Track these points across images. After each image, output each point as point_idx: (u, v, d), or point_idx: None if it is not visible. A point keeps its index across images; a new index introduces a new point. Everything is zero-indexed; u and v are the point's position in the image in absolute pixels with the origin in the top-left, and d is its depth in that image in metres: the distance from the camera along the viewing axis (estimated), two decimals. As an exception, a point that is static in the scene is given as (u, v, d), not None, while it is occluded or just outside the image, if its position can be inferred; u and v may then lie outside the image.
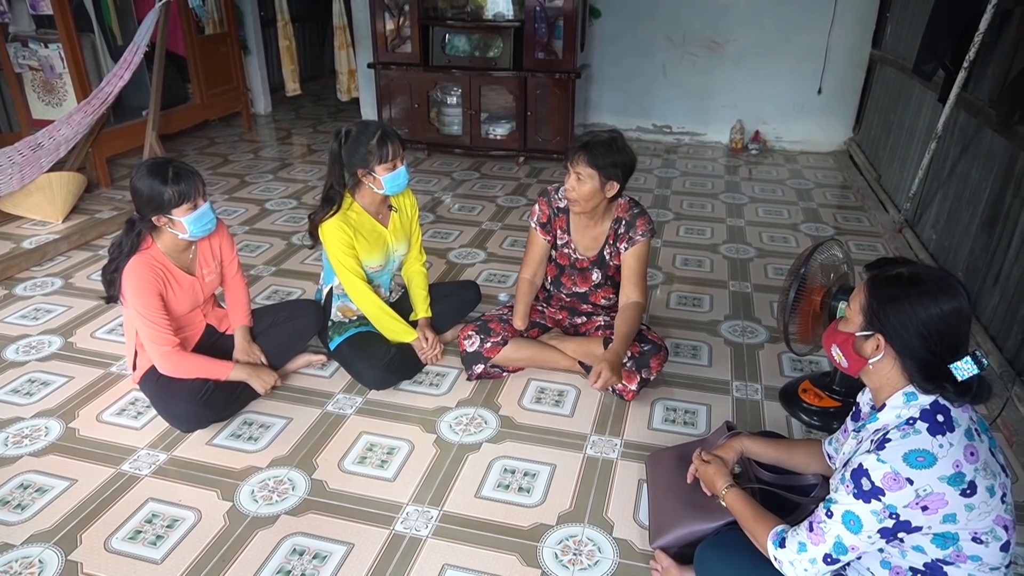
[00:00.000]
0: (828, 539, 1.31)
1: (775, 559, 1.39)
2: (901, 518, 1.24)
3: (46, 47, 4.39)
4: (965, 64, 3.14)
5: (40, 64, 4.45)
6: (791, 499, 1.66)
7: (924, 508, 1.23)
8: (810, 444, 1.74)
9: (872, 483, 1.24)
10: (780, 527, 1.43)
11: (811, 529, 1.34)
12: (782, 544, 1.39)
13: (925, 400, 1.30)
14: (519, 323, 2.53)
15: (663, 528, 1.77)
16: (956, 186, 3.34)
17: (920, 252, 3.58)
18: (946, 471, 1.22)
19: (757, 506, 1.53)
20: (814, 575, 1.35)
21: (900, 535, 1.28)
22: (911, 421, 1.28)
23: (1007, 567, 1.31)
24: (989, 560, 1.27)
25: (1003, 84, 2.83)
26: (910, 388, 1.32)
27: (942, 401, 1.29)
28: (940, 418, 1.27)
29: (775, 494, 1.67)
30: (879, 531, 1.27)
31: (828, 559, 1.32)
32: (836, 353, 1.43)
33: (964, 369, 1.25)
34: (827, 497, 1.35)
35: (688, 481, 1.78)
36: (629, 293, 2.43)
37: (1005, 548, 1.28)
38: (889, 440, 1.26)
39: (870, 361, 1.35)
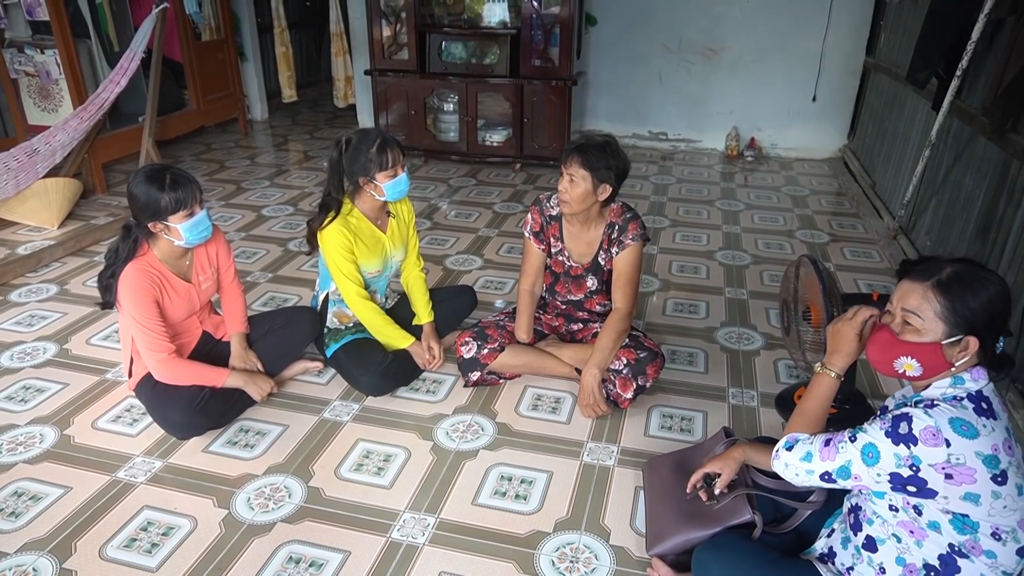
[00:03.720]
0: (839, 459, 1.33)
1: (776, 453, 1.43)
2: (920, 474, 1.24)
3: (42, 53, 4.38)
4: (958, 72, 3.16)
5: (36, 70, 4.45)
6: (788, 504, 1.67)
7: (948, 476, 1.23)
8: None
9: (910, 429, 1.25)
10: (799, 436, 1.44)
11: (826, 444, 1.36)
12: (790, 447, 1.42)
13: (972, 386, 1.31)
14: (523, 336, 2.54)
15: (660, 535, 1.77)
16: (950, 193, 3.36)
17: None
18: (984, 449, 1.23)
19: (825, 405, 1.51)
20: (802, 483, 1.39)
21: (911, 489, 1.27)
22: (958, 398, 1.30)
23: (1021, 573, 1.31)
24: (1003, 561, 1.28)
25: (996, 92, 2.85)
26: (960, 374, 1.33)
27: (985, 392, 1.31)
28: (984, 405, 1.29)
29: (772, 500, 1.68)
30: (891, 474, 1.27)
31: (826, 476, 1.34)
32: (909, 364, 1.34)
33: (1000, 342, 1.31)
34: (855, 427, 1.36)
35: (688, 491, 1.77)
36: (615, 299, 2.44)
37: (1021, 553, 1.29)
38: (938, 405, 1.28)
39: (957, 363, 1.31)
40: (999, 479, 1.23)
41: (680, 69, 5.74)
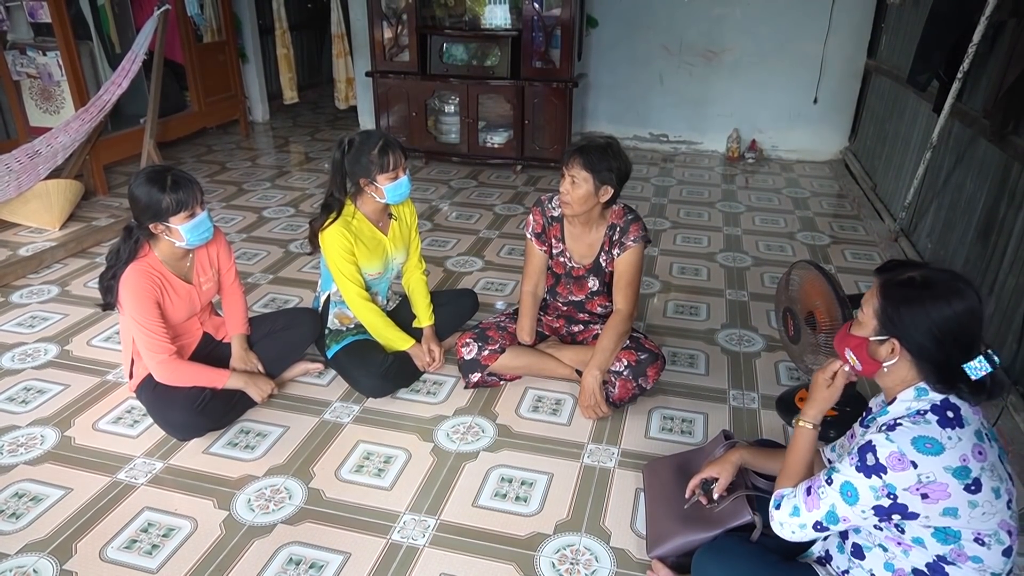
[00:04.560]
0: (823, 505, 1.33)
1: (770, 515, 1.43)
2: (899, 500, 1.25)
3: (44, 55, 4.39)
4: (959, 75, 3.16)
5: (38, 71, 4.46)
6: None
7: (924, 496, 1.23)
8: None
9: (876, 459, 1.25)
10: (785, 491, 1.44)
11: (808, 493, 1.37)
12: (778, 506, 1.42)
13: (936, 396, 1.31)
14: (526, 337, 2.54)
15: (661, 537, 1.77)
16: (951, 196, 3.35)
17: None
18: (952, 462, 1.23)
19: (806, 460, 1.49)
20: (800, 538, 1.38)
21: (896, 518, 1.28)
22: (922, 412, 1.29)
23: (1008, 574, 1.31)
24: (990, 564, 1.28)
25: (997, 94, 2.85)
26: (922, 384, 1.33)
27: (953, 399, 1.30)
28: (950, 414, 1.28)
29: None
30: (874, 508, 1.28)
31: (818, 526, 1.34)
32: (850, 357, 1.43)
33: (977, 368, 1.26)
34: (829, 467, 1.36)
35: (686, 496, 1.77)
36: (616, 301, 2.45)
37: (1007, 553, 1.29)
38: (900, 425, 1.28)
39: (885, 365, 1.35)
40: (972, 488, 1.23)
41: (681, 71, 5.75)
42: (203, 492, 2.07)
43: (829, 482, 1.33)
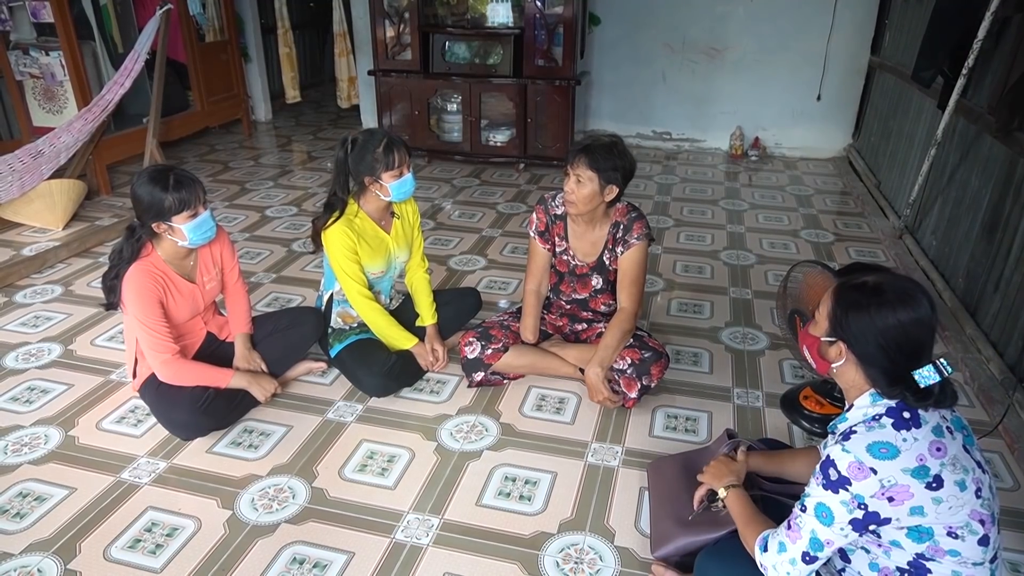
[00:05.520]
0: (804, 534, 1.33)
1: (761, 565, 1.41)
2: (869, 509, 1.26)
3: (47, 55, 4.40)
4: (964, 71, 3.15)
5: (41, 72, 4.46)
6: (792, 506, 1.66)
7: (890, 499, 1.24)
8: (810, 453, 1.74)
9: (839, 473, 1.26)
10: (767, 532, 1.44)
11: (789, 527, 1.37)
12: (765, 548, 1.41)
13: (890, 400, 1.32)
14: (530, 336, 2.54)
15: (664, 537, 1.77)
16: (956, 192, 3.34)
17: (920, 259, 3.58)
18: (909, 464, 1.24)
19: (753, 509, 1.55)
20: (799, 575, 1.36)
21: (872, 527, 1.29)
22: (877, 417, 1.30)
23: (992, 562, 1.31)
24: (968, 555, 1.28)
25: (1002, 91, 2.84)
26: (875, 390, 1.34)
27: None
28: (907, 415, 1.29)
29: (778, 502, 1.67)
30: (850, 522, 1.28)
31: (807, 557, 1.34)
32: (807, 353, 1.48)
33: (926, 377, 1.26)
34: (801, 495, 1.37)
35: (695, 507, 1.76)
36: (620, 299, 2.44)
37: (983, 542, 1.28)
38: (855, 432, 1.29)
39: (833, 366, 1.38)
40: (934, 485, 1.23)
41: (684, 69, 5.73)
42: (207, 492, 2.07)
43: (803, 509, 1.34)
